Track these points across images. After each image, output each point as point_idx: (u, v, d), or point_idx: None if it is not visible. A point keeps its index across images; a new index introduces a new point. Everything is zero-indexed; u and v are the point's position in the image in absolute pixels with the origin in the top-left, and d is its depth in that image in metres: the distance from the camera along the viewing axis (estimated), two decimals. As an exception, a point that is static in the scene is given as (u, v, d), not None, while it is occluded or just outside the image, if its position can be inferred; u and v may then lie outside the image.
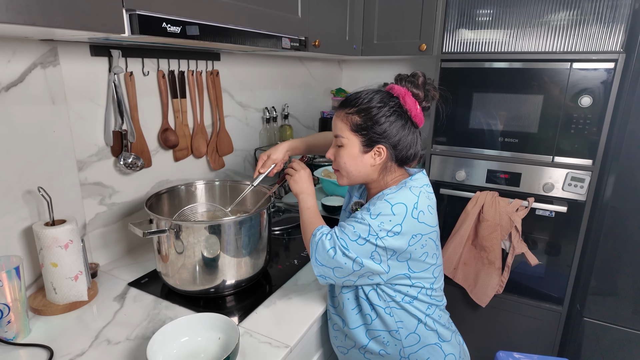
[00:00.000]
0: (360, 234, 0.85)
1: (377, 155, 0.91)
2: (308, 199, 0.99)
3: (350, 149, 0.91)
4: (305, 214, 0.97)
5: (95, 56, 1.11)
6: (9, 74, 0.93)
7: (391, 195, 0.87)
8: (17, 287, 0.88)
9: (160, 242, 1.03)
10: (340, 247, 0.85)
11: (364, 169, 0.93)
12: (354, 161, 0.92)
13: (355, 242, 0.85)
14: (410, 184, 0.90)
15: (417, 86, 0.90)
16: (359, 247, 0.85)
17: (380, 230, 0.84)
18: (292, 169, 1.02)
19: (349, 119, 0.90)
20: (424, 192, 0.90)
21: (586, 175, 1.53)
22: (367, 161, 0.92)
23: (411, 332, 0.92)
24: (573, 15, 1.44)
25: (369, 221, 0.85)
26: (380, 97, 0.90)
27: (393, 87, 0.91)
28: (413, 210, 0.86)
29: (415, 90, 0.90)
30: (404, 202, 0.86)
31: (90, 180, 1.15)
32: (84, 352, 0.86)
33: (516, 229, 1.64)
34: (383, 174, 0.94)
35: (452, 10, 1.62)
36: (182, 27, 0.88)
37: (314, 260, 0.89)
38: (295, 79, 2.06)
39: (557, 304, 1.71)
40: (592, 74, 1.44)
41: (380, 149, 0.90)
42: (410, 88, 0.90)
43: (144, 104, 1.26)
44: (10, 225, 0.99)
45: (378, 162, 0.91)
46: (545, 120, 1.55)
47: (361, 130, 0.89)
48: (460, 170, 1.74)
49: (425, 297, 0.93)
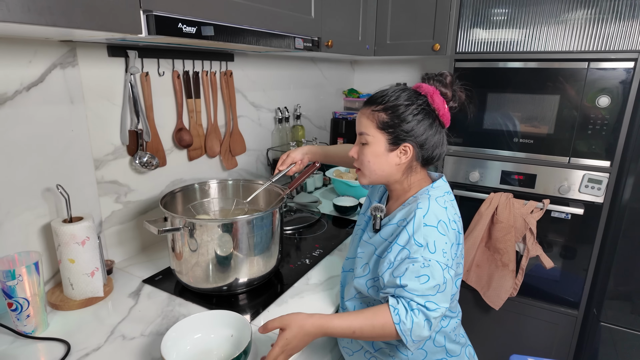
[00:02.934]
0: (439, 282, 0.77)
1: (402, 154, 0.87)
2: (333, 325, 0.79)
3: (375, 146, 0.88)
4: (353, 326, 0.78)
5: (113, 57, 1.13)
6: (30, 75, 0.96)
7: (427, 218, 0.81)
8: (36, 282, 0.90)
9: (174, 239, 1.05)
10: (433, 316, 0.75)
11: (388, 167, 0.89)
12: (379, 159, 0.88)
13: (438, 295, 0.77)
14: (433, 194, 0.86)
15: (445, 85, 0.88)
16: (441, 297, 0.77)
17: (448, 259, 0.79)
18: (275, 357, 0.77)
19: (375, 117, 0.87)
20: (447, 200, 0.87)
21: (604, 177, 1.50)
22: (392, 160, 0.88)
23: (419, 347, 0.90)
24: (591, 14, 1.41)
25: (434, 257, 0.78)
26: (407, 95, 0.87)
27: (421, 85, 0.89)
28: (449, 223, 0.83)
29: (444, 89, 0.87)
30: (442, 220, 0.82)
31: (107, 178, 1.18)
32: (99, 346, 0.88)
33: (531, 231, 1.61)
34: (407, 174, 0.90)
35: (467, 9, 1.60)
36: (198, 28, 0.89)
37: (412, 343, 0.77)
38: (308, 80, 2.06)
39: (572, 307, 1.67)
40: (611, 73, 1.42)
41: (407, 148, 0.87)
42: (439, 87, 0.87)
43: (159, 103, 1.28)
44: (30, 221, 1.01)
45: (403, 160, 0.88)
46: (561, 120, 1.53)
47: (387, 127, 0.86)
48: (474, 171, 1.72)
49: None
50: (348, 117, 2.26)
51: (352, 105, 2.40)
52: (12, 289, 0.87)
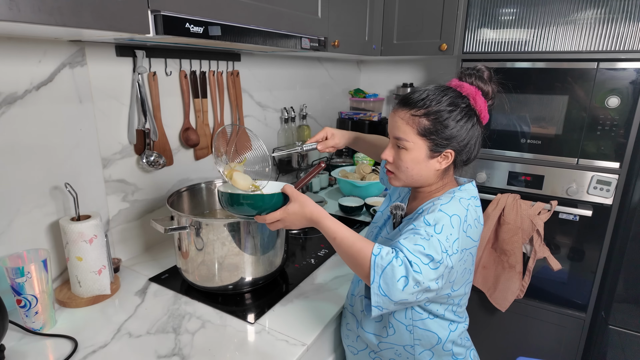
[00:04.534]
0: (433, 255, 0.72)
1: (443, 159, 0.84)
2: (325, 222, 0.81)
3: (415, 153, 0.83)
4: (339, 233, 0.79)
5: (121, 56, 1.14)
6: (40, 74, 0.97)
7: (445, 206, 0.79)
8: (45, 280, 0.91)
9: (180, 238, 1.05)
10: (414, 277, 0.69)
11: (427, 173, 0.86)
12: (419, 166, 0.85)
13: (428, 266, 0.71)
14: (458, 194, 0.83)
15: (485, 82, 0.84)
16: (430, 272, 0.71)
17: (449, 246, 0.74)
18: (273, 219, 0.85)
19: (416, 122, 0.82)
20: (472, 204, 0.83)
21: (613, 178, 1.48)
22: (432, 166, 0.85)
23: (426, 349, 0.89)
24: (600, 14, 1.40)
25: (437, 236, 0.73)
26: (449, 98, 0.82)
27: (462, 85, 0.84)
28: (463, 223, 0.79)
29: (485, 88, 0.83)
30: (458, 214, 0.78)
31: (114, 177, 1.19)
32: (106, 344, 0.89)
33: (538, 233, 1.60)
34: (442, 176, 0.88)
35: (474, 9, 1.59)
36: (205, 28, 0.89)
37: (377, 287, 0.71)
38: (314, 80, 2.06)
39: (580, 310, 1.66)
40: (620, 73, 1.40)
41: (449, 154, 0.83)
42: (480, 85, 0.83)
43: (166, 103, 1.29)
44: (38, 219, 1.02)
45: (444, 166, 0.85)
46: (569, 121, 1.51)
47: (430, 134, 0.81)
48: (481, 171, 1.71)
49: (450, 313, 0.88)
50: (354, 117, 2.25)
51: (358, 105, 2.40)
52: (21, 286, 0.88)
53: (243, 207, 0.85)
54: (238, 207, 0.86)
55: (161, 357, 0.85)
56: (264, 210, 0.85)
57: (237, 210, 0.87)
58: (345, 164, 2.12)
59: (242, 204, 0.85)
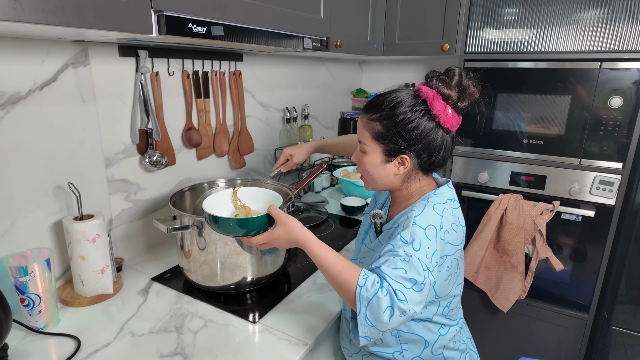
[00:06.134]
0: (416, 278, 0.71)
1: (400, 164, 0.83)
2: (312, 248, 0.80)
3: (372, 157, 0.85)
4: (325, 261, 0.78)
5: (123, 56, 1.14)
6: (43, 74, 0.97)
7: (419, 218, 0.77)
8: (48, 279, 0.91)
9: (183, 238, 1.06)
10: (399, 306, 0.69)
11: (387, 177, 0.86)
12: (377, 169, 0.85)
13: (412, 290, 0.70)
14: (432, 200, 0.81)
15: (449, 86, 0.79)
16: (415, 295, 0.70)
17: (429, 262, 0.73)
18: (259, 242, 0.86)
19: (371, 126, 0.83)
20: (447, 208, 0.81)
21: (615, 178, 1.48)
22: (389, 170, 0.85)
23: (416, 355, 0.88)
24: (603, 14, 1.39)
25: (416, 255, 0.72)
26: (405, 101, 0.80)
27: (421, 88, 0.81)
28: (439, 231, 0.77)
29: (447, 91, 0.79)
30: (432, 224, 0.77)
31: (117, 177, 1.19)
32: (109, 343, 0.89)
33: (540, 233, 1.60)
34: (407, 182, 0.87)
35: (476, 9, 1.59)
36: (207, 28, 0.89)
37: (364, 318, 0.71)
38: (316, 80, 2.06)
39: (582, 311, 1.65)
40: (623, 74, 1.40)
41: (404, 159, 0.82)
42: (441, 89, 0.79)
43: (169, 103, 1.29)
44: (42, 219, 1.03)
45: (402, 171, 0.84)
46: (572, 121, 1.51)
47: (383, 139, 0.82)
48: (483, 172, 1.70)
49: (440, 317, 0.87)
50: (356, 117, 2.26)
51: (360, 105, 2.40)
52: (25, 285, 0.88)
53: (227, 228, 0.86)
54: (223, 228, 0.86)
55: (164, 356, 0.85)
56: (250, 231, 0.85)
57: (222, 231, 0.87)
58: (347, 164, 2.12)
59: (226, 226, 0.85)
